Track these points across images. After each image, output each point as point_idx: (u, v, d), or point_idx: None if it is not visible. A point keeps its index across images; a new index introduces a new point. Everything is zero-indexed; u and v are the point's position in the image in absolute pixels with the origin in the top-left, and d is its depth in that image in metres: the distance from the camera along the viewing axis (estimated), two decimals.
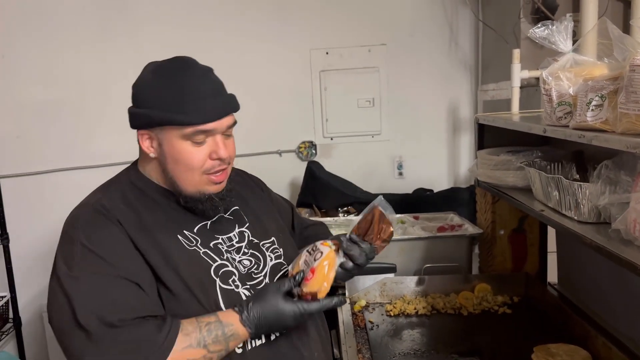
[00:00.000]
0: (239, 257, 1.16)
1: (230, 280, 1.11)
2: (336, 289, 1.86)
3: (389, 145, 2.99)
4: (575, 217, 1.14)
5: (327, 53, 2.87)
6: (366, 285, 1.78)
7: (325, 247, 1.12)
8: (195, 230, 1.13)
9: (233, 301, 1.08)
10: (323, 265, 1.08)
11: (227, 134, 1.12)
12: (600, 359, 1.34)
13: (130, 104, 1.12)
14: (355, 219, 2.24)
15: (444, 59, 2.92)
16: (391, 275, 1.79)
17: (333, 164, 2.87)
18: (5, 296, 2.53)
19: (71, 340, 0.96)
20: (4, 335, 2.46)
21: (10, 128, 2.71)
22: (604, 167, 1.04)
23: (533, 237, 1.87)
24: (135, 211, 1.09)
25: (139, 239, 1.05)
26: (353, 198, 2.63)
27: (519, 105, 2.11)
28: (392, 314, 1.67)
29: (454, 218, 2.16)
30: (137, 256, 1.04)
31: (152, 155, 1.10)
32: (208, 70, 1.11)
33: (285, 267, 1.21)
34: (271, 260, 1.21)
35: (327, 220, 2.24)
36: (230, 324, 1.03)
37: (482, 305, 1.70)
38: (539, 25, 1.18)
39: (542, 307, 1.67)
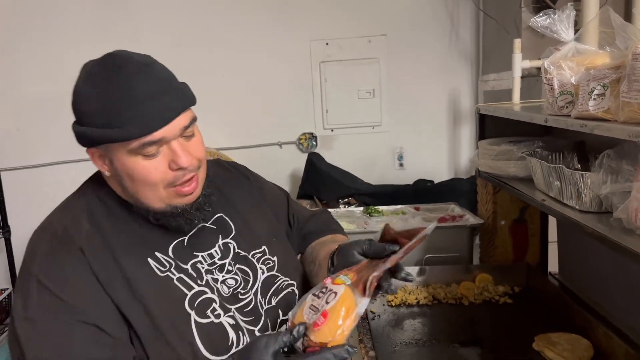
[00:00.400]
0: (222, 276, 1.01)
1: (209, 311, 0.95)
2: None
3: (389, 137, 2.99)
4: (577, 207, 1.14)
5: (327, 44, 2.86)
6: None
7: (339, 286, 0.87)
8: (169, 250, 0.98)
9: (212, 338, 0.93)
10: (339, 311, 0.84)
11: (186, 135, 0.93)
12: (601, 348, 1.34)
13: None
14: (355, 210, 2.25)
15: (444, 50, 2.91)
16: None
17: (333, 156, 2.87)
18: (7, 289, 2.54)
19: None
20: (6, 329, 2.48)
21: (10, 121, 2.72)
22: (606, 156, 1.04)
23: (534, 228, 1.87)
24: (102, 233, 0.95)
25: (103, 269, 0.91)
26: (354, 189, 2.64)
27: (520, 95, 2.10)
28: (393, 304, 1.68)
29: (454, 209, 2.16)
30: (101, 293, 0.90)
31: (107, 174, 0.96)
32: (145, 64, 0.90)
33: (279, 280, 1.08)
34: (263, 273, 1.06)
35: None
36: None
37: (483, 295, 1.70)
38: (541, 14, 1.17)
39: (543, 297, 1.67)
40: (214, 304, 0.96)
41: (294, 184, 2.92)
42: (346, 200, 2.60)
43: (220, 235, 1.06)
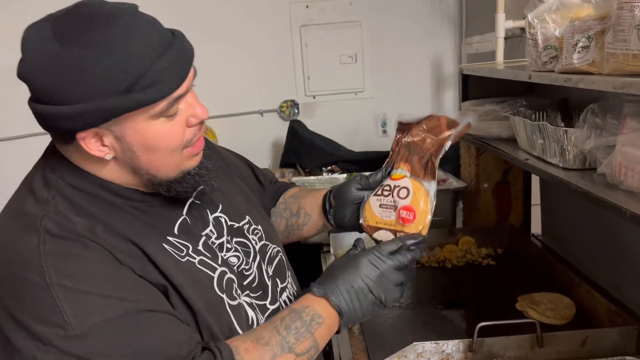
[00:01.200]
0: (224, 254, 0.91)
1: (234, 292, 0.88)
2: None
3: (372, 103, 2.94)
4: (560, 164, 1.12)
5: (307, 7, 2.78)
6: (351, 242, 1.76)
7: (404, 180, 0.94)
8: (177, 232, 0.86)
9: (242, 319, 0.86)
10: (419, 200, 0.91)
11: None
12: (583, 305, 1.35)
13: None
14: (339, 177, 2.22)
15: (427, 12, 2.85)
16: None
17: (316, 123, 2.83)
18: None
19: None
20: None
21: None
22: (590, 111, 1.02)
23: (517, 190, 1.87)
24: (104, 223, 0.78)
25: (128, 257, 0.77)
26: (337, 157, 2.61)
27: (504, 56, 2.07)
28: None
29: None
30: (141, 281, 0.77)
31: (108, 157, 0.78)
32: (136, 11, 0.77)
33: (269, 247, 1.01)
34: (256, 243, 0.99)
35: (310, 179, 2.22)
36: (306, 306, 0.83)
37: (466, 257, 1.70)
38: None
39: (526, 258, 1.68)
40: (234, 284, 0.88)
41: (276, 153, 2.88)
42: (329, 168, 2.57)
43: (208, 211, 0.94)
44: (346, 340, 1.27)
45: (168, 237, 0.84)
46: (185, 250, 0.85)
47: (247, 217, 1.01)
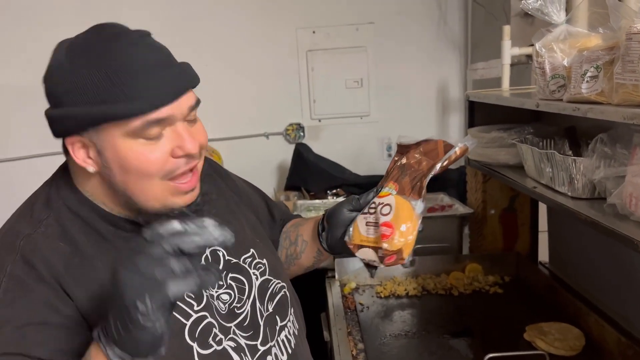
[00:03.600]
0: (216, 291, 0.88)
1: (210, 339, 0.83)
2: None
3: (377, 127, 2.94)
4: (569, 193, 1.11)
5: (313, 32, 2.81)
6: (356, 267, 1.75)
7: (388, 197, 0.92)
8: None
9: None
10: (401, 217, 0.88)
11: (190, 119, 0.80)
12: (593, 336, 1.32)
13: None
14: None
15: (432, 38, 2.87)
16: None
17: (321, 146, 2.83)
18: None
19: None
20: None
21: None
22: (599, 140, 1.01)
23: (524, 217, 1.86)
24: (81, 254, 0.79)
25: (83, 295, 0.77)
26: (342, 180, 2.61)
27: (509, 83, 2.08)
28: (382, 296, 1.65)
29: (444, 198, 2.13)
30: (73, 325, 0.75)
31: (91, 169, 0.79)
32: (146, 35, 0.79)
33: (272, 283, 0.98)
34: (257, 279, 0.96)
35: (316, 202, 2.21)
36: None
37: (473, 285, 1.68)
38: None
39: (533, 286, 1.65)
40: (214, 330, 0.85)
41: (281, 176, 2.88)
42: (335, 191, 2.57)
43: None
44: None
45: None
46: None
47: (252, 250, 0.99)
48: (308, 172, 2.65)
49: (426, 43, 2.87)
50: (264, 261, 0.99)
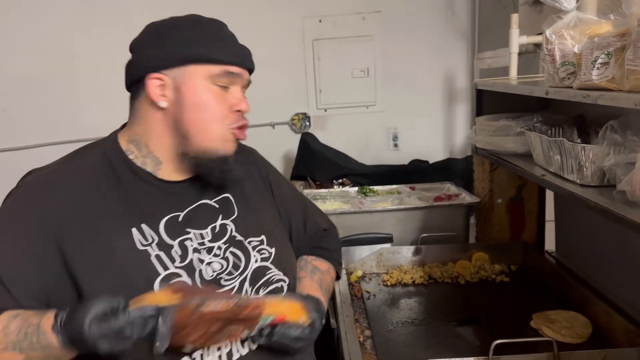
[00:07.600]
0: (209, 258, 0.97)
1: None
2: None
3: (383, 116, 2.94)
4: (578, 181, 1.11)
5: (320, 21, 2.80)
6: (362, 256, 1.76)
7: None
8: (161, 223, 0.94)
9: None
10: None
11: (244, 89, 1.03)
12: (600, 324, 1.33)
13: (123, 79, 1.00)
14: (350, 190, 2.21)
15: (440, 27, 2.85)
16: (387, 245, 1.77)
17: (327, 136, 2.83)
18: None
19: None
20: None
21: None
22: (609, 128, 1.01)
23: (531, 206, 1.85)
24: (88, 194, 0.92)
25: (70, 231, 0.88)
26: (348, 170, 2.61)
27: (517, 72, 2.07)
28: (389, 284, 1.66)
29: (450, 188, 2.13)
30: (37, 258, 0.87)
31: (162, 104, 0.94)
32: (222, 23, 1.03)
33: (271, 273, 1.03)
34: (256, 261, 1.02)
35: (321, 192, 2.21)
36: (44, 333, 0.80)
37: (479, 274, 1.68)
38: None
39: (540, 275, 1.65)
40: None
41: (288, 165, 2.88)
42: (340, 180, 2.57)
43: (220, 215, 1.02)
44: (358, 356, 1.25)
45: (142, 225, 0.93)
46: (150, 240, 0.92)
47: (263, 236, 1.05)
48: (314, 161, 2.65)
49: (433, 32, 2.85)
50: (272, 250, 1.05)
